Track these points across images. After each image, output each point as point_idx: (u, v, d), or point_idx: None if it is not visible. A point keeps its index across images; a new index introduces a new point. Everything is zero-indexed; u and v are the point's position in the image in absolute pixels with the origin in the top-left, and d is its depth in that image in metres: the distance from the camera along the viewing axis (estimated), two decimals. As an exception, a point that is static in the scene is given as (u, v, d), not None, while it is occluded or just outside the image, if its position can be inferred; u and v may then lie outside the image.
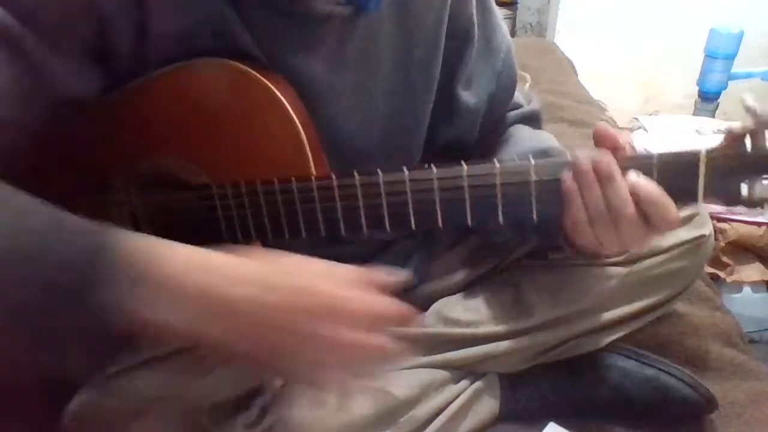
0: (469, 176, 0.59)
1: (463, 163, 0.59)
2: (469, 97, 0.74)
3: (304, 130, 0.61)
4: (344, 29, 0.64)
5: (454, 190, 0.60)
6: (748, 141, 0.56)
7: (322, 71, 0.65)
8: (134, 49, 0.57)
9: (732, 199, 0.58)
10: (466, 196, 0.60)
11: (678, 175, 0.58)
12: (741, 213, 1.47)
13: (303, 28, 0.62)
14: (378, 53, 0.67)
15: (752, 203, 0.58)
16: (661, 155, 0.58)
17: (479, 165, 0.60)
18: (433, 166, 0.60)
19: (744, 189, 0.58)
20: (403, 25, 0.67)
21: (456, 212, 0.61)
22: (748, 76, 2.09)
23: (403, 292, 0.82)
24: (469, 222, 0.61)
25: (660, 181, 0.58)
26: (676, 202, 0.60)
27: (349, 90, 0.67)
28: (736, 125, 0.57)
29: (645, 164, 0.58)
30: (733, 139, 0.57)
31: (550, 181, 0.59)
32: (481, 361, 0.78)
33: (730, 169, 0.57)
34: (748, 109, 0.57)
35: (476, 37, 0.71)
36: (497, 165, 0.59)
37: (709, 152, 0.57)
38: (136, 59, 0.58)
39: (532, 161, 0.58)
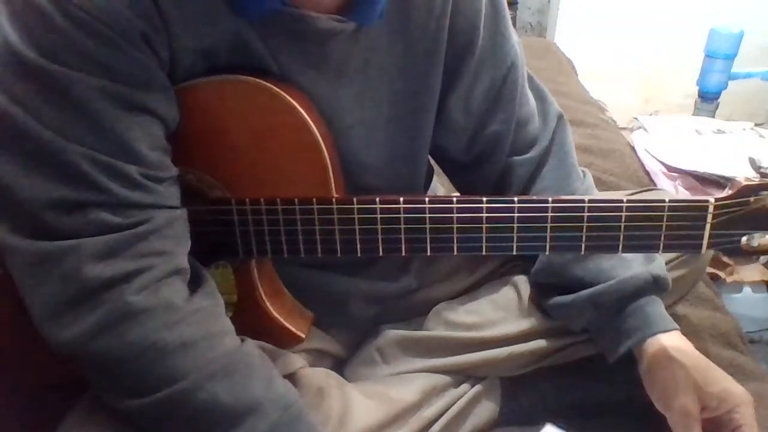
0: (487, 206, 0.63)
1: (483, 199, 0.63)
2: (459, 112, 0.73)
3: (328, 152, 0.63)
4: (347, 45, 0.64)
5: (472, 221, 0.63)
6: (752, 197, 0.60)
7: (326, 88, 0.65)
8: (169, 59, 0.58)
9: (732, 250, 0.62)
10: (483, 226, 0.63)
11: (686, 221, 0.61)
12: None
13: (308, 46, 0.62)
14: (379, 63, 0.67)
15: (749, 253, 0.62)
16: (671, 201, 0.61)
17: (498, 199, 0.63)
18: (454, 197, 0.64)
19: (743, 240, 0.62)
20: (403, 33, 0.66)
21: (472, 240, 0.64)
22: (748, 76, 2.09)
23: (402, 298, 0.82)
24: (483, 251, 0.64)
25: (668, 228, 0.61)
26: (680, 249, 0.63)
27: (351, 104, 0.67)
28: (741, 177, 0.60)
29: (656, 208, 0.61)
30: (739, 190, 0.60)
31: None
32: (483, 366, 0.78)
33: (733, 222, 0.61)
34: (755, 164, 0.60)
35: (480, 43, 0.70)
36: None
37: (718, 201, 0.60)
38: (169, 70, 0.59)
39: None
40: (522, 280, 0.81)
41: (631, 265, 0.72)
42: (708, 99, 2.12)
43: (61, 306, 0.54)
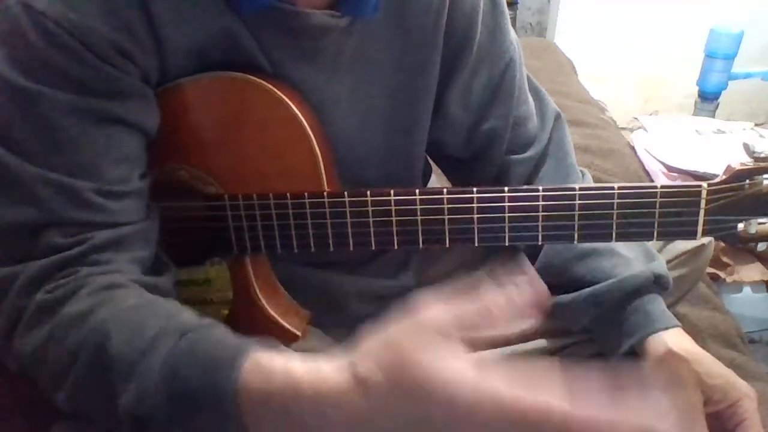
0: (478, 197, 0.62)
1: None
2: (457, 107, 0.73)
3: (319, 146, 0.62)
4: (341, 39, 0.64)
5: (464, 212, 0.62)
6: (747, 181, 0.59)
7: (321, 81, 0.65)
8: (157, 64, 0.58)
9: (728, 236, 0.61)
10: (474, 217, 0.63)
11: (679, 207, 0.60)
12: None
13: (302, 41, 0.62)
14: (374, 56, 0.66)
15: (746, 240, 0.61)
16: (663, 187, 0.60)
17: (489, 189, 0.62)
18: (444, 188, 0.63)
19: (740, 227, 0.61)
20: (400, 27, 0.66)
21: (464, 231, 0.63)
22: (748, 76, 2.09)
23: (401, 297, 0.82)
24: (476, 242, 0.64)
25: (661, 214, 0.60)
26: (675, 236, 0.62)
27: (347, 97, 0.67)
28: (735, 163, 0.59)
29: (648, 194, 0.60)
30: (732, 174, 0.59)
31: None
32: (482, 365, 0.77)
33: (728, 207, 0.60)
34: (749, 149, 0.60)
35: (478, 39, 0.70)
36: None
37: (711, 185, 0.59)
38: (158, 72, 0.59)
39: None
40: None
41: (632, 264, 0.72)
42: (708, 99, 2.11)
43: (7, 332, 0.54)
